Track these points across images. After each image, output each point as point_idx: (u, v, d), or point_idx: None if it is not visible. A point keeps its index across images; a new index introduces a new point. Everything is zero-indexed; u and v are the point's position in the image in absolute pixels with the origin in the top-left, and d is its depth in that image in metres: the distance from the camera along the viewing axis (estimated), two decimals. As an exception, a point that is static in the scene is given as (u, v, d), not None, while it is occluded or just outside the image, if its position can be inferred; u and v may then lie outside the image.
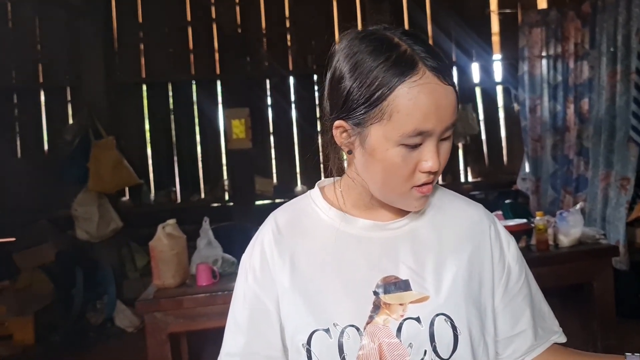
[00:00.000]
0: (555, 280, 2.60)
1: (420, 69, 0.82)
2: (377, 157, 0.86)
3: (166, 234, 2.45)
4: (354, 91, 0.84)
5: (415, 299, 0.88)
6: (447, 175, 5.50)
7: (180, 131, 5.35)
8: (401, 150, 0.83)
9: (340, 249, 0.93)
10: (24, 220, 4.69)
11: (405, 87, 0.81)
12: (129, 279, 4.78)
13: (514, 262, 0.98)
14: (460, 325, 0.88)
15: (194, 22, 5.31)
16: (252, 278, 0.95)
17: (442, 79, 0.83)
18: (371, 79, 0.82)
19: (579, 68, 4.41)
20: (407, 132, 0.82)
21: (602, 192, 4.01)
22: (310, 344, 0.87)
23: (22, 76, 5.15)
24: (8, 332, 4.02)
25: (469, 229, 0.97)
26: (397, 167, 0.85)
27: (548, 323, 1.02)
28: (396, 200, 0.90)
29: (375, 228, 0.94)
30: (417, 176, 0.86)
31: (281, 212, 1.00)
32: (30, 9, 5.03)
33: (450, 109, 0.84)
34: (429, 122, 0.82)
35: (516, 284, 0.98)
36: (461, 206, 1.01)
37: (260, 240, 0.97)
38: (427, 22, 5.46)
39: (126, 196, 5.16)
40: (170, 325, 2.32)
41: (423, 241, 0.94)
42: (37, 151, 5.15)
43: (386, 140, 0.84)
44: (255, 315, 0.94)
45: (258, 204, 5.11)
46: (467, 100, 5.49)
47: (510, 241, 1.00)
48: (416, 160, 0.84)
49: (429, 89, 0.81)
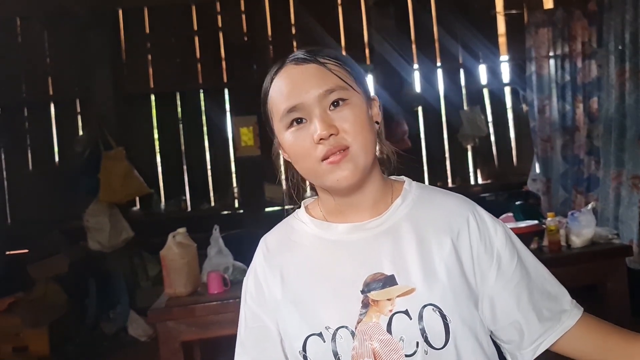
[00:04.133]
0: (568, 282, 2.52)
1: (283, 66, 0.95)
2: (286, 150, 0.97)
3: (177, 243, 2.46)
4: (262, 113, 1.01)
5: (402, 292, 0.89)
6: (456, 177, 5.48)
7: (189, 140, 5.38)
8: (290, 132, 0.93)
9: (324, 255, 0.97)
10: (37, 232, 4.72)
11: (272, 84, 0.96)
12: (141, 288, 4.79)
13: (503, 248, 0.97)
14: (450, 313, 0.88)
15: (200, 31, 5.34)
16: (249, 299, 1.01)
17: (299, 62, 0.93)
18: (263, 94, 1.00)
19: (587, 67, 4.39)
20: (281, 114, 0.93)
21: (613, 192, 3.98)
22: (305, 349, 0.90)
23: (32, 89, 5.21)
24: (23, 344, 4.04)
25: (448, 218, 0.97)
26: (295, 148, 0.93)
27: (555, 304, 0.98)
28: (320, 179, 0.94)
29: (355, 230, 0.97)
30: (317, 149, 0.90)
31: (270, 235, 1.06)
32: (38, 23, 5.09)
33: (312, 80, 0.91)
34: (291, 98, 0.91)
35: (508, 269, 0.96)
36: (440, 199, 1.02)
37: (253, 263, 1.03)
38: (433, 25, 5.45)
39: (137, 206, 5.18)
40: (182, 333, 2.33)
41: (403, 236, 0.95)
42: (48, 163, 5.19)
43: (279, 132, 0.96)
44: (255, 333, 0.98)
45: (268, 211, 5.11)
46: (475, 102, 5.46)
47: (498, 227, 0.99)
48: (310, 135, 0.90)
49: (285, 74, 0.94)
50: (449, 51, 5.45)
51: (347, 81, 0.92)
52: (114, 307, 4.50)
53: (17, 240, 4.79)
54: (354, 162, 0.90)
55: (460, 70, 5.54)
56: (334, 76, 0.92)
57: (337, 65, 0.93)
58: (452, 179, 5.47)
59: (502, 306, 0.95)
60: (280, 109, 0.93)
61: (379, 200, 0.99)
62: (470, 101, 5.49)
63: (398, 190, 1.01)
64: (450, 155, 5.53)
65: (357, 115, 0.91)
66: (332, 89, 0.90)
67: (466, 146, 5.47)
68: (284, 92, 0.93)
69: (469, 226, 0.97)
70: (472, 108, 5.37)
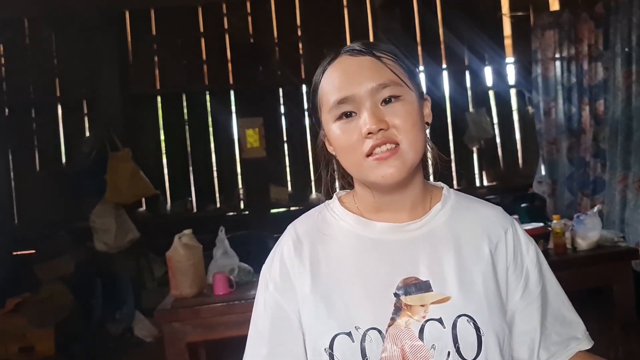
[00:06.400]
0: (573, 284, 2.56)
1: (337, 57, 0.94)
2: (332, 142, 0.95)
3: (183, 244, 2.47)
4: (310, 103, 0.99)
5: (436, 299, 0.88)
6: (462, 180, 5.47)
7: (195, 141, 5.39)
8: (338, 124, 0.91)
9: (359, 252, 0.94)
10: (44, 232, 4.75)
11: (324, 74, 0.94)
12: (147, 289, 4.81)
13: (533, 267, 0.98)
14: (483, 326, 0.87)
15: (206, 33, 5.36)
16: (272, 287, 0.96)
17: (354, 53, 0.91)
18: (313, 84, 0.97)
19: (594, 69, 4.37)
20: (330, 105, 0.91)
21: (620, 194, 3.96)
22: (332, 348, 0.87)
23: (39, 91, 5.24)
24: (29, 344, 4.06)
25: (487, 230, 0.97)
26: (342, 141, 0.91)
27: (568, 329, 0.99)
28: (364, 174, 0.92)
29: (393, 230, 0.95)
30: (365, 144, 0.88)
31: (300, 222, 1.02)
32: (46, 25, 5.12)
33: (366, 72, 0.89)
34: (343, 89, 0.89)
35: (534, 289, 0.97)
36: (479, 208, 1.01)
37: (280, 250, 0.98)
38: (439, 27, 5.45)
39: (143, 207, 5.20)
40: (188, 335, 2.34)
41: (442, 242, 0.94)
42: (55, 164, 5.22)
43: (327, 123, 0.93)
44: (276, 323, 0.94)
45: (273, 212, 5.12)
46: (481, 104, 5.46)
47: (530, 245, 0.99)
48: (358, 129, 0.89)
49: (338, 65, 0.92)
50: (454, 53, 5.45)
51: (401, 77, 0.90)
52: (119, 307, 4.51)
53: (23, 241, 4.82)
54: (402, 159, 0.88)
55: (465, 72, 5.53)
56: (389, 71, 0.90)
57: (392, 60, 0.91)
58: (457, 181, 5.46)
59: (521, 324, 0.96)
60: (330, 100, 0.91)
61: (418, 203, 0.97)
62: (475, 103, 5.48)
63: (437, 196, 1.00)
64: (456, 157, 5.52)
65: (409, 112, 0.89)
66: (385, 83, 0.89)
67: (472, 148, 5.46)
68: (336, 83, 0.91)
69: (506, 239, 0.97)
70: (477, 110, 5.36)
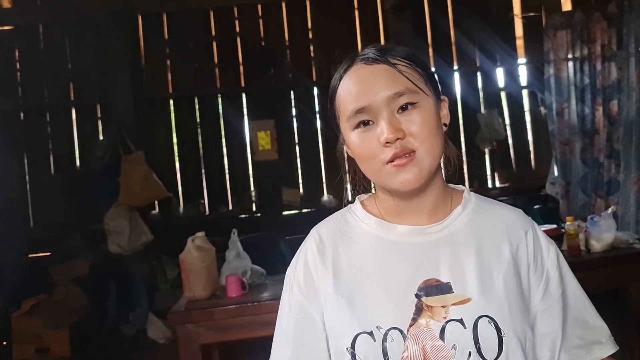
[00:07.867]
0: (588, 287, 2.49)
1: (353, 64, 0.94)
2: (351, 150, 0.97)
3: (196, 247, 2.48)
4: (329, 110, 1.00)
5: (457, 300, 0.89)
6: (474, 181, 5.45)
7: (207, 144, 5.42)
8: (356, 132, 0.92)
9: (381, 254, 0.96)
10: (59, 235, 4.82)
11: (341, 82, 0.95)
12: (160, 290, 4.84)
13: (553, 269, 0.98)
14: (504, 327, 0.88)
15: (218, 36, 5.39)
16: (297, 288, 0.98)
17: (370, 62, 0.91)
18: (331, 91, 0.98)
19: (607, 70, 4.33)
20: (348, 115, 0.92)
21: (635, 195, 3.92)
22: (354, 347, 0.89)
23: (54, 95, 5.31)
24: (45, 345, 4.11)
25: (507, 232, 0.98)
26: (361, 149, 0.92)
27: (590, 333, 1.00)
28: (383, 180, 0.93)
29: (414, 233, 0.96)
30: (384, 152, 0.89)
31: (323, 225, 1.04)
32: (60, 30, 5.19)
33: (381, 81, 0.90)
34: (359, 99, 0.90)
35: (555, 292, 0.97)
36: (499, 211, 1.02)
37: (304, 252, 1.01)
38: (450, 28, 5.44)
39: (156, 209, 5.24)
40: (201, 336, 2.35)
41: (462, 244, 0.95)
42: (69, 167, 5.28)
43: (345, 130, 0.95)
44: (301, 323, 0.96)
45: (285, 214, 5.13)
46: (493, 105, 5.43)
47: (551, 247, 1.00)
48: (376, 138, 0.90)
49: (354, 74, 0.93)
50: (466, 54, 5.43)
51: (417, 84, 0.91)
52: (133, 309, 4.55)
53: (39, 243, 4.88)
54: (419, 166, 0.90)
55: (477, 73, 5.51)
56: (404, 78, 0.90)
57: (408, 67, 0.92)
58: (469, 183, 5.44)
59: (542, 326, 0.96)
60: (347, 109, 0.92)
61: (439, 206, 0.99)
62: (487, 104, 5.46)
63: (458, 199, 1.01)
64: (468, 159, 5.50)
65: (425, 119, 0.91)
66: (401, 92, 0.89)
67: (484, 149, 5.44)
68: (352, 92, 0.92)
69: (527, 241, 0.98)
70: (489, 111, 5.34)
